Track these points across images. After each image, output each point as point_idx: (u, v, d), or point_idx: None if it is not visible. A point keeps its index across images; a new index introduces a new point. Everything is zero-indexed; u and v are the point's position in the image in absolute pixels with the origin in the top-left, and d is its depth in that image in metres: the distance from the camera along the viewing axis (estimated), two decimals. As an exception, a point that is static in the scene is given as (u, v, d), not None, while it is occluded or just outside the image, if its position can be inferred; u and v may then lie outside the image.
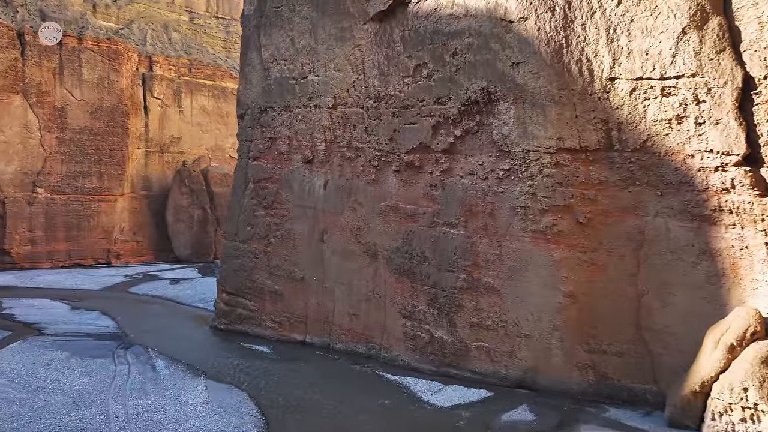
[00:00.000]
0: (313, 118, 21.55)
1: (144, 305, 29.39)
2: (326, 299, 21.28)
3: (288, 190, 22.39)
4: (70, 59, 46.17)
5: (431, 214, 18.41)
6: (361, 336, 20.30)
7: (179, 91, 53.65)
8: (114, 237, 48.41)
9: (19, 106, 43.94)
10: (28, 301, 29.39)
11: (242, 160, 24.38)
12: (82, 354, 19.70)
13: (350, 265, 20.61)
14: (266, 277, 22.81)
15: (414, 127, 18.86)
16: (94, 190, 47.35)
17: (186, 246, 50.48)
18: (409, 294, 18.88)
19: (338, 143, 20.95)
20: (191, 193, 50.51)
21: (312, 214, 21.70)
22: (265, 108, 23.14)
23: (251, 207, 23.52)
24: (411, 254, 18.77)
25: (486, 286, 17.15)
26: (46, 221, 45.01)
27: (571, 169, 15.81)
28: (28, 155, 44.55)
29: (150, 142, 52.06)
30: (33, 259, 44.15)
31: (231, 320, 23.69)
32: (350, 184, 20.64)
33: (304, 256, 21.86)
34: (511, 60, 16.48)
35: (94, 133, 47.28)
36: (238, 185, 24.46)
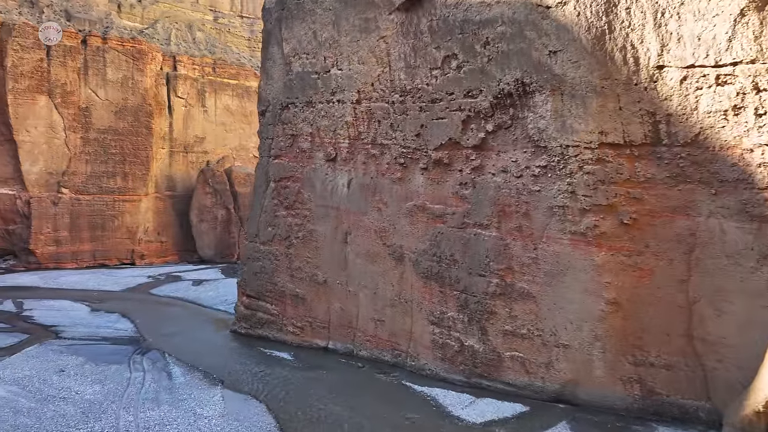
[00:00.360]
0: (336, 113, 20.49)
1: (164, 307, 28.63)
2: (350, 304, 20.22)
3: (310, 190, 21.38)
4: (95, 59, 45.83)
5: (461, 214, 17.22)
6: (387, 343, 19.18)
7: (203, 90, 53.12)
8: (138, 237, 48.01)
9: (44, 106, 43.71)
10: (49, 303, 28.84)
11: (263, 158, 23.42)
12: (98, 359, 18.91)
13: (375, 268, 19.51)
14: (288, 280, 21.82)
15: (443, 122, 17.69)
16: (119, 190, 46.98)
17: (210, 246, 49.90)
18: (438, 299, 17.71)
19: (362, 140, 19.87)
20: (215, 193, 49.91)
21: (335, 214, 20.65)
22: (286, 104, 22.15)
23: (272, 207, 22.56)
24: (439, 257, 17.60)
25: (521, 291, 15.89)
26: (71, 221, 44.74)
27: (614, 166, 14.49)
28: (53, 155, 44.32)
29: (174, 142, 51.61)
30: (58, 260, 43.89)
31: (251, 324, 22.74)
32: (375, 182, 19.54)
33: (327, 258, 20.83)
34: (548, 48, 15.22)
35: (119, 133, 46.91)
36: (259, 185, 23.51)
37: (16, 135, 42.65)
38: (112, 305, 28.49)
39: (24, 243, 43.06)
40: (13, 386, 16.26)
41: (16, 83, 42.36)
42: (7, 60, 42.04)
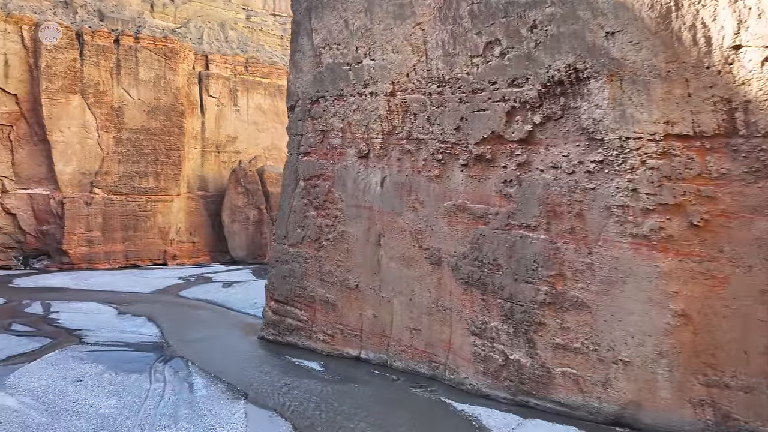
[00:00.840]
0: (368, 107, 19.05)
1: (192, 311, 27.59)
2: (383, 311, 18.75)
3: (341, 189, 19.98)
4: (127, 58, 45.33)
5: (505, 214, 15.59)
6: (423, 354, 17.66)
7: (235, 89, 52.34)
8: (170, 238, 47.38)
9: (77, 106, 43.34)
10: (77, 305, 28.05)
11: (292, 156, 22.11)
12: (118, 368, 17.80)
13: (410, 272, 18.00)
14: (318, 285, 20.46)
15: (484, 114, 16.08)
16: (151, 191, 46.42)
17: (242, 247, 49.03)
18: (480, 308, 16.10)
19: (397, 135, 18.38)
20: (247, 193, 49.02)
21: (367, 214, 19.21)
22: (316, 98, 20.80)
23: (301, 207, 21.23)
24: (481, 261, 16.00)
25: (573, 300, 14.20)
26: (104, 222, 44.29)
27: (682, 160, 12.72)
28: (86, 155, 43.93)
29: (206, 142, 50.93)
30: (90, 260, 43.47)
31: (279, 331, 21.44)
32: (410, 180, 18.03)
33: (359, 261, 19.39)
34: (604, 29, 13.52)
35: (151, 133, 46.34)
36: (288, 183, 22.21)
37: (50, 135, 42.35)
38: (139, 308, 27.56)
39: (57, 243, 42.74)
40: (27, 397, 15.22)
41: (49, 83, 42.06)
42: (41, 60, 41.76)
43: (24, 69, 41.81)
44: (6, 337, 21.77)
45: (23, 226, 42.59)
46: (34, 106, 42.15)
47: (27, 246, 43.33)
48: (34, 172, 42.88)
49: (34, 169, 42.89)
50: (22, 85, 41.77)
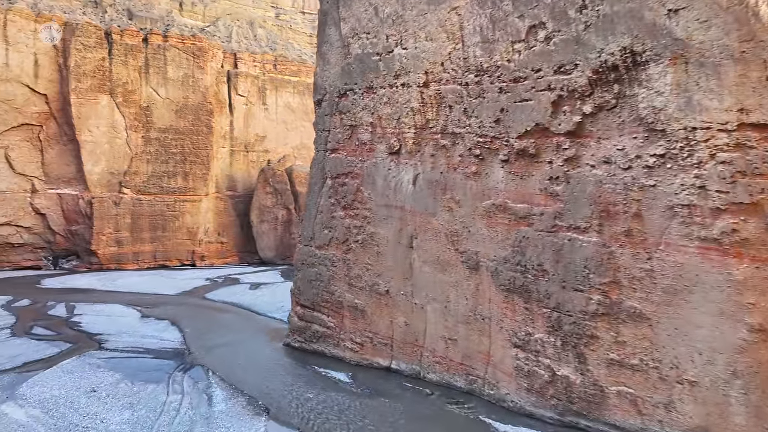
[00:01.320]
0: (400, 99, 17.67)
1: (217, 314, 26.55)
2: (416, 318, 17.35)
3: (370, 187, 18.64)
4: (155, 57, 44.72)
5: (551, 215, 14.05)
6: (460, 366, 16.20)
7: (264, 88, 51.43)
8: (198, 238, 46.66)
9: (106, 105, 42.84)
10: (100, 307, 27.25)
11: (319, 152, 20.85)
12: (135, 377, 16.73)
13: (445, 277, 16.56)
14: (346, 290, 19.15)
15: (527, 105, 14.57)
16: (179, 190, 45.75)
17: (270, 247, 48.09)
18: (522, 317, 14.59)
19: (431, 129, 16.96)
20: (275, 193, 48.06)
21: (399, 215, 17.83)
22: (344, 91, 19.49)
23: (329, 207, 19.95)
24: (524, 266, 14.49)
25: (630, 311, 12.61)
26: (132, 222, 43.74)
27: (759, 153, 11.05)
28: (115, 155, 43.42)
29: (235, 141, 50.13)
30: (119, 260, 42.96)
31: (306, 338, 20.19)
32: (445, 178, 16.60)
33: (390, 265, 18.02)
34: (666, 7, 11.92)
35: (179, 132, 45.66)
36: (315, 182, 20.95)
37: (79, 135, 41.91)
38: (163, 311, 26.62)
39: (86, 244, 42.30)
40: (36, 409, 14.21)
41: (78, 83, 41.61)
42: (70, 60, 41.34)
43: (53, 69, 41.44)
44: (26, 341, 20.96)
45: (53, 226, 42.26)
46: (63, 105, 41.77)
47: (56, 246, 43.02)
48: (63, 172, 42.52)
49: (64, 169, 42.53)
50: (51, 84, 41.41)
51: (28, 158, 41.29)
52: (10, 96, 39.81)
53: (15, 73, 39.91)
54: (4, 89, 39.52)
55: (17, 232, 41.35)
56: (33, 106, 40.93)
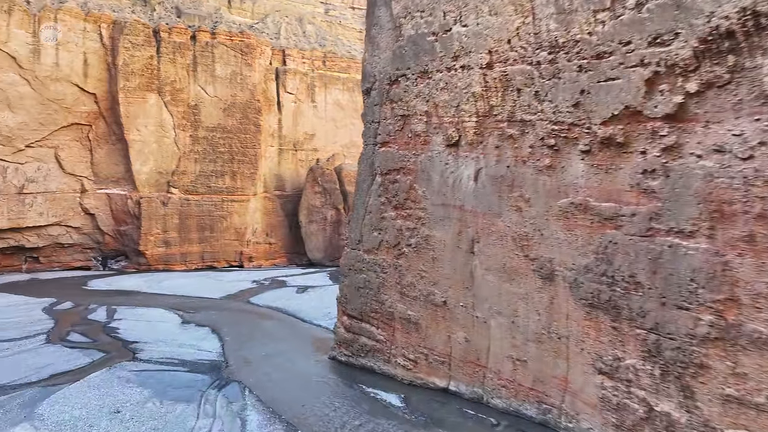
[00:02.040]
0: (459, 84, 15.40)
1: (260, 321, 24.81)
2: (478, 334, 15.04)
3: (425, 184, 16.43)
4: (203, 55, 43.66)
5: (646, 216, 11.54)
6: (530, 392, 13.82)
7: (313, 85, 49.85)
8: (246, 239, 45.40)
9: (154, 104, 42.00)
10: (141, 312, 25.93)
11: (368, 146, 18.77)
12: (165, 395, 15.00)
13: (513, 288, 14.20)
14: (397, 299, 17.00)
15: (614, 85, 12.09)
16: (227, 190, 44.59)
17: (318, 248, 46.45)
18: (609, 338, 12.11)
19: (495, 116, 14.63)
20: (324, 193, 46.39)
21: (458, 215, 15.56)
22: (395, 77, 17.36)
23: (378, 207, 17.84)
24: (612, 278, 12.01)
25: (753, 336, 10.00)
26: (180, 222, 42.78)
27: None
28: (163, 154, 42.55)
29: (283, 140, 48.71)
30: (167, 261, 42.04)
31: (353, 352, 18.15)
32: (513, 173, 14.24)
33: (447, 272, 15.77)
34: (804, -48, 9.32)
35: (227, 131, 44.50)
36: (363, 179, 18.89)
37: (127, 134, 41.17)
38: (204, 317, 25.07)
39: (134, 244, 41.54)
40: (52, 433, 12.62)
41: (127, 81, 40.86)
42: (119, 58, 40.62)
43: (102, 68, 40.82)
44: (58, 349, 19.63)
45: (101, 226, 41.68)
46: (112, 105, 41.10)
47: (105, 246, 42.44)
48: (112, 172, 41.89)
49: (112, 169, 41.89)
50: (100, 84, 40.79)
51: (78, 158, 40.80)
52: (60, 96, 39.34)
53: (65, 73, 39.41)
54: (54, 89, 39.06)
55: (67, 233, 40.91)
56: (82, 105, 40.39)
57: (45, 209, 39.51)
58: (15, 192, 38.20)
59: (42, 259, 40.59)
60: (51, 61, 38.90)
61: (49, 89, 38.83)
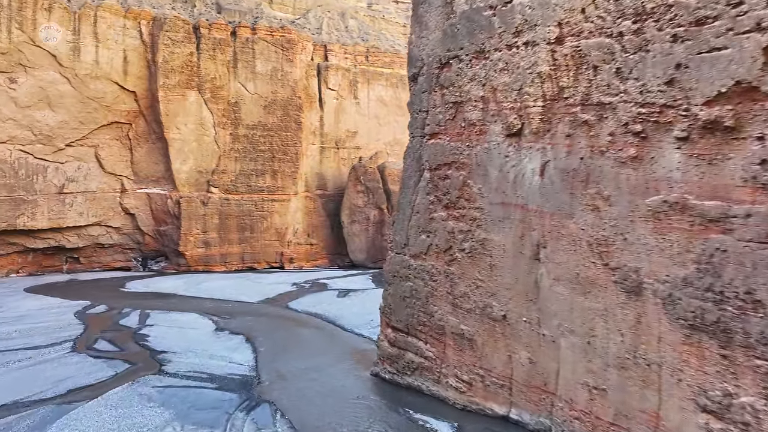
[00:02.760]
0: (522, 63, 13.19)
1: (298, 329, 23.04)
2: (544, 355, 12.81)
3: (481, 180, 14.28)
4: (244, 51, 42.30)
5: (764, 217, 9.17)
6: (611, 428, 11.52)
7: (355, 81, 48.04)
8: (287, 239, 43.88)
9: (194, 102, 40.84)
10: (175, 317, 24.49)
11: (415, 139, 16.72)
12: (187, 418, 13.27)
13: (588, 302, 11.93)
14: (448, 311, 14.89)
15: (721, 56, 9.71)
16: (267, 189, 43.14)
17: (361, 249, 44.61)
18: (717, 369, 9.74)
19: (566, 100, 12.38)
20: (367, 192, 44.52)
21: (520, 216, 13.35)
22: (446, 60, 15.25)
23: (427, 206, 15.77)
24: (720, 293, 9.64)
25: None
26: (220, 222, 41.52)
27: None
28: (203, 153, 41.36)
29: (325, 137, 47.04)
30: (207, 262, 40.83)
31: (398, 369, 16.11)
32: (588, 166, 11.97)
33: (508, 282, 13.58)
34: None
35: (267, 129, 43.06)
36: (409, 175, 16.84)
37: (167, 133, 40.10)
38: (239, 323, 23.45)
39: (174, 245, 40.46)
40: (57, 464, 10.99)
41: (166, 79, 39.79)
42: (159, 55, 39.58)
43: (142, 65, 39.85)
44: (82, 359, 18.23)
45: (141, 226, 40.75)
46: (151, 103, 40.11)
47: (145, 247, 41.51)
48: (151, 171, 40.92)
49: (152, 168, 40.92)
50: (140, 81, 39.82)
51: (118, 157, 39.94)
52: (100, 94, 38.50)
53: (105, 71, 38.55)
54: (94, 87, 38.24)
55: (107, 233, 40.10)
56: (122, 103, 39.49)
57: (85, 209, 38.76)
58: (55, 192, 37.54)
59: (82, 260, 39.89)
60: (91, 59, 38.09)
61: (89, 87, 38.02)
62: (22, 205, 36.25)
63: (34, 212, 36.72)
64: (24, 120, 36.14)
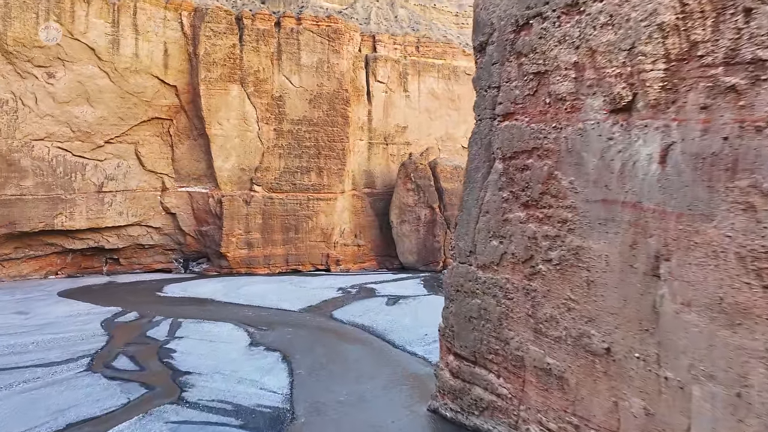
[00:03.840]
0: (634, 14, 9.80)
1: (342, 345, 20.10)
2: (668, 405, 9.42)
3: (573, 171, 10.93)
4: (288, 42, 39.79)
5: None
6: None
7: (405, 73, 44.96)
8: (334, 240, 41.17)
9: (236, 96, 38.57)
10: (207, 328, 21.94)
11: (483, 122, 13.48)
12: (200, 470, 10.46)
13: (739, 338, 8.48)
14: (529, 338, 11.60)
15: None
16: (313, 188, 40.53)
17: (411, 251, 41.49)
18: None
19: (701, 59, 8.94)
20: (417, 190, 41.38)
21: (631, 217, 9.96)
22: (525, 20, 11.96)
23: (499, 204, 12.51)
24: None
25: None
26: (263, 222, 39.13)
27: None
28: (246, 150, 39.05)
29: (373, 132, 44.15)
30: (249, 264, 38.50)
31: (463, 406, 12.91)
32: (736, 148, 8.52)
33: (613, 304, 10.21)
34: None
35: (313, 124, 40.44)
36: (476, 167, 13.60)
37: (209, 128, 37.95)
38: (277, 337, 20.70)
39: (216, 246, 38.25)
40: None
41: (208, 72, 37.64)
42: (200, 47, 37.44)
43: (183, 58, 37.80)
44: (94, 381, 15.70)
45: (183, 226, 38.71)
46: (193, 97, 38.01)
47: (187, 248, 39.48)
48: (193, 169, 38.84)
49: (194, 166, 38.84)
50: (181, 75, 37.78)
51: (158, 154, 37.99)
52: (140, 88, 36.60)
53: (145, 64, 36.62)
54: (134, 81, 36.36)
55: (147, 233, 38.20)
56: (163, 98, 37.51)
57: (125, 208, 36.93)
58: (94, 191, 35.79)
59: (122, 261, 38.11)
60: (130, 52, 36.19)
61: (128, 82, 36.16)
62: (59, 205, 34.61)
63: (72, 212, 35.04)
64: (62, 116, 34.49)
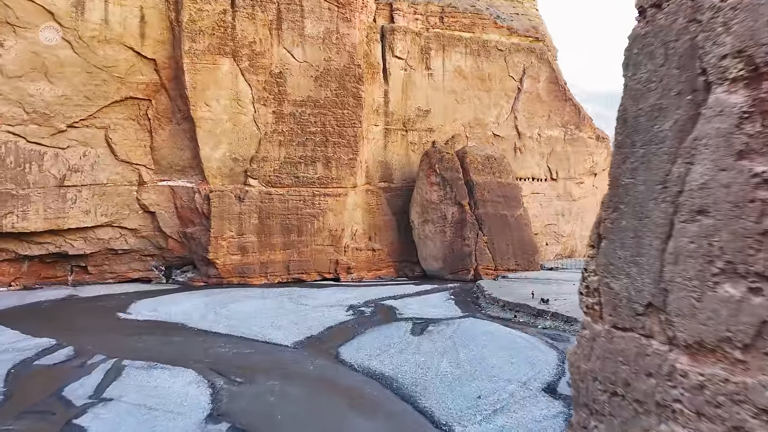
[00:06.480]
0: None
1: (348, 414, 12.68)
2: None
3: None
4: (290, 9, 32.46)
5: None
6: None
7: (428, 47, 37.47)
8: (344, 244, 33.83)
9: (227, 72, 31.31)
10: (157, 380, 14.63)
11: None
12: None
13: None
14: None
15: None
16: (319, 181, 33.20)
17: (435, 257, 34.02)
18: None
19: None
20: (443, 184, 33.90)
21: None
22: None
23: (742, 194, 5.01)
24: None
25: None
26: (260, 222, 31.88)
27: None
28: (239, 136, 31.79)
29: (390, 117, 36.69)
30: (243, 273, 31.25)
31: None
32: None
33: None
34: None
35: (319, 105, 33.09)
36: (653, 109, 6.13)
37: (194, 111, 30.71)
38: (253, 397, 13.34)
39: (203, 251, 31.05)
40: None
41: (193, 43, 30.43)
42: (183, 13, 30.23)
43: (164, 27, 30.63)
44: None
45: (164, 228, 31.55)
46: (175, 73, 30.83)
47: (169, 253, 32.29)
48: (176, 159, 31.65)
49: (177, 155, 31.64)
50: (161, 47, 30.62)
51: (134, 141, 30.80)
52: (110, 62, 29.47)
53: (116, 33, 29.51)
54: (103, 53, 29.24)
55: (121, 236, 31.05)
56: (139, 74, 30.35)
57: (92, 206, 29.81)
58: (54, 185, 28.71)
59: (91, 269, 30.98)
60: (98, 17, 29.09)
61: (96, 54, 29.05)
62: (10, 202, 27.58)
63: (25, 210, 27.99)
64: (13, 94, 27.43)
